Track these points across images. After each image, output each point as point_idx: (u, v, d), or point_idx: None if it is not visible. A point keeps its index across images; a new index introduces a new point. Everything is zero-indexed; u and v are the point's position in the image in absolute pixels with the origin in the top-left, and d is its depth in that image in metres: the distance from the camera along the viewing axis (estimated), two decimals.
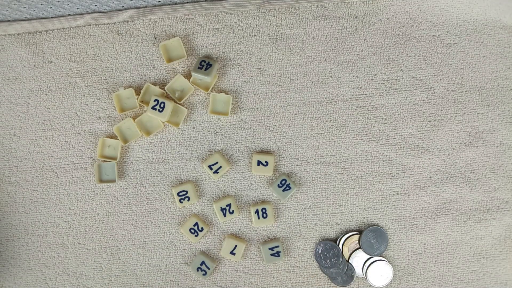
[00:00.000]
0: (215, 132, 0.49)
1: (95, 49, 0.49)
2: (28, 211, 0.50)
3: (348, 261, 0.49)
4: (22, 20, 0.49)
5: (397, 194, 0.49)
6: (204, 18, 0.49)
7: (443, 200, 0.49)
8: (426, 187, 0.49)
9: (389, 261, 0.49)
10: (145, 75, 0.49)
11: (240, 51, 0.49)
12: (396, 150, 0.49)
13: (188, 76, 0.49)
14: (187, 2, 0.49)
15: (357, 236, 0.49)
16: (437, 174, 0.49)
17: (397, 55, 0.49)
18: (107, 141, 0.49)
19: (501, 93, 0.49)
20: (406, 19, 0.49)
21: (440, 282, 0.50)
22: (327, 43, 0.49)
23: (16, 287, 0.50)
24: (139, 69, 0.49)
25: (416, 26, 0.49)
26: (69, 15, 0.49)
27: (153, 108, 0.47)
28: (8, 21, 0.49)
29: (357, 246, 0.49)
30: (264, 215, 0.49)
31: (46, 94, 0.49)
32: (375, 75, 0.49)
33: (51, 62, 0.49)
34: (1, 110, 0.50)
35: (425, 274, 0.50)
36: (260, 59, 0.49)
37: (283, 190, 0.49)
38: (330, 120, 0.49)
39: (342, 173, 0.49)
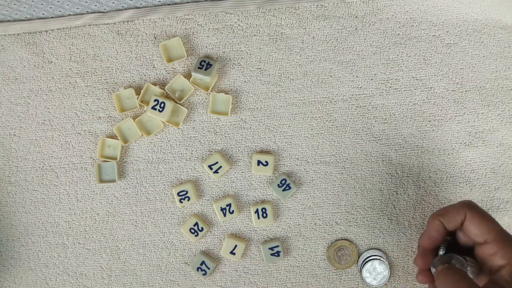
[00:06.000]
0: (215, 132, 0.49)
1: (95, 49, 0.49)
2: (28, 211, 0.50)
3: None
4: (22, 20, 0.49)
5: (397, 194, 0.49)
6: (204, 18, 0.49)
7: (443, 200, 0.49)
8: (426, 186, 0.49)
9: (389, 261, 0.49)
10: (145, 75, 0.49)
11: (240, 51, 0.49)
12: (396, 150, 0.49)
13: (188, 76, 0.49)
14: (187, 2, 0.49)
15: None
16: (437, 174, 0.49)
17: (397, 55, 0.49)
18: (107, 141, 0.49)
19: (501, 93, 0.49)
20: (406, 19, 0.49)
21: None
22: (327, 43, 0.49)
23: (16, 287, 0.50)
24: (139, 69, 0.49)
25: (416, 26, 0.49)
26: (69, 15, 0.49)
27: (153, 108, 0.47)
28: (8, 21, 0.49)
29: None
30: (264, 215, 0.49)
31: (46, 94, 0.49)
32: (375, 75, 0.49)
33: (51, 62, 0.49)
34: (1, 110, 0.50)
35: None
36: (260, 59, 0.49)
37: (283, 190, 0.49)
38: (330, 120, 0.49)
39: (342, 173, 0.49)
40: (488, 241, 0.36)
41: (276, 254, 0.49)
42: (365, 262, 0.48)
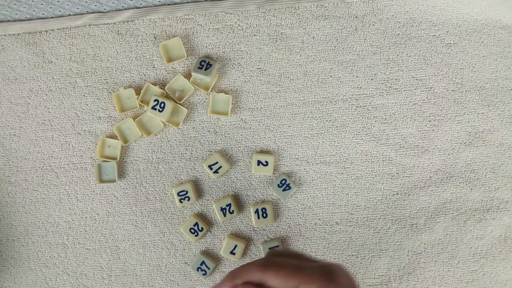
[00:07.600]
0: (215, 132, 0.49)
1: (95, 49, 0.49)
2: (28, 211, 0.50)
3: None
4: (22, 20, 0.49)
5: (397, 194, 0.49)
6: (204, 18, 0.49)
7: (443, 200, 0.49)
8: (426, 187, 0.49)
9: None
10: (145, 75, 0.49)
11: (240, 51, 0.49)
12: (396, 150, 0.49)
13: (188, 76, 0.49)
14: (187, 2, 0.49)
15: None
16: (437, 174, 0.49)
17: (397, 55, 0.49)
18: (107, 141, 0.49)
19: (501, 93, 0.49)
20: (406, 19, 0.49)
21: (440, 282, 0.50)
22: (327, 43, 0.49)
23: (16, 287, 0.50)
24: (139, 69, 0.49)
25: (416, 26, 0.49)
26: (69, 15, 0.49)
27: (153, 108, 0.47)
28: (8, 21, 0.49)
29: None
30: (264, 215, 0.49)
31: (46, 94, 0.49)
32: (375, 75, 0.49)
33: (51, 62, 0.49)
34: (1, 110, 0.50)
35: (425, 274, 0.50)
36: (260, 59, 0.49)
37: (283, 190, 0.49)
38: (330, 120, 0.49)
39: (342, 173, 0.49)
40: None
41: None
42: None
